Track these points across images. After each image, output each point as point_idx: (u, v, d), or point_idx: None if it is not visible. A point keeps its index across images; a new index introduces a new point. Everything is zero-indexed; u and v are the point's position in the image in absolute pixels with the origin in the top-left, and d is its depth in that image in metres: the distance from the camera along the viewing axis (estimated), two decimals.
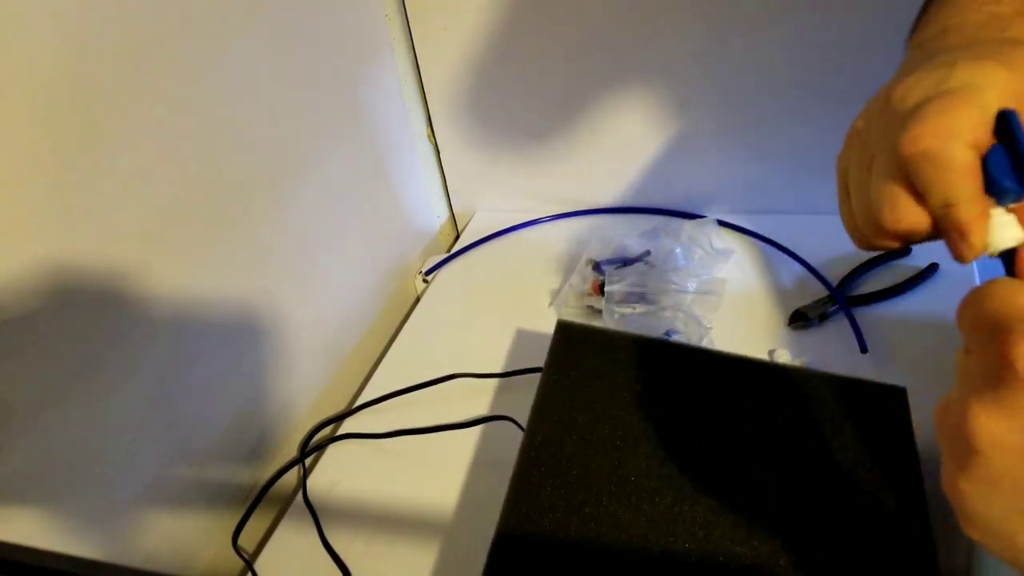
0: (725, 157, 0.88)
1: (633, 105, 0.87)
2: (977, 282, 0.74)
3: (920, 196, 0.30)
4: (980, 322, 0.26)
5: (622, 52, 0.83)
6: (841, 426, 0.51)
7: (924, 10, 0.41)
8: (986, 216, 0.29)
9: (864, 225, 0.34)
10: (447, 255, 0.95)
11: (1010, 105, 0.29)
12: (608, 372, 0.56)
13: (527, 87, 0.89)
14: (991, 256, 0.30)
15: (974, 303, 0.26)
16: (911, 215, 0.31)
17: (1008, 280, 0.27)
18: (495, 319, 0.81)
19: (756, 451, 0.50)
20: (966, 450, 0.25)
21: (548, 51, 0.85)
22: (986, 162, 0.29)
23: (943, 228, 0.30)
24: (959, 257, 0.30)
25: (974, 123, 0.29)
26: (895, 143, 0.30)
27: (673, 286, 0.74)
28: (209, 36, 0.56)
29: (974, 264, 0.76)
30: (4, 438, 0.42)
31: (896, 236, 0.32)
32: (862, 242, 0.35)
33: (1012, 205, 0.29)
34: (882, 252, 0.36)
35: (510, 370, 0.72)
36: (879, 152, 0.32)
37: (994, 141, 0.29)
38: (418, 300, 0.90)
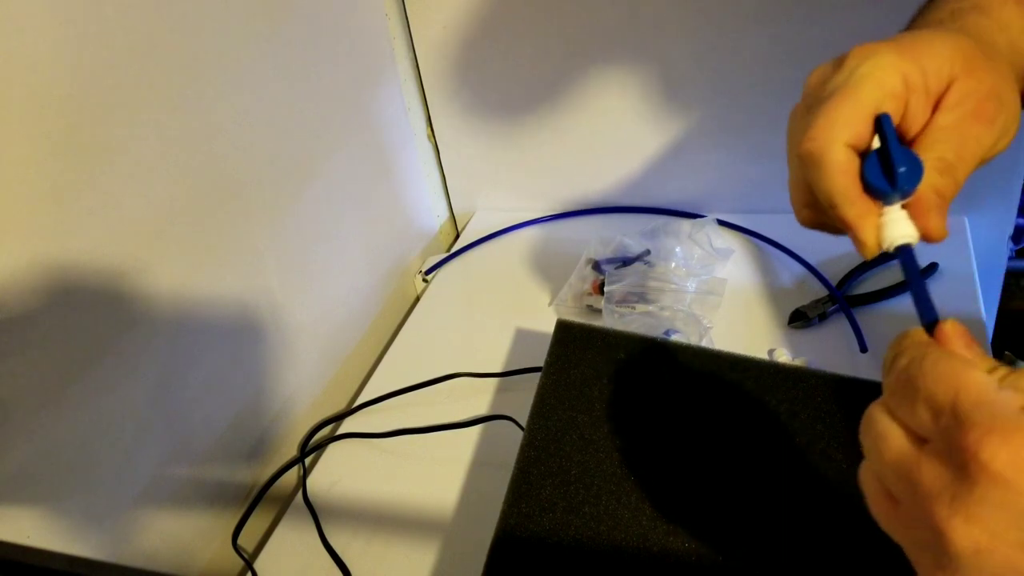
0: (725, 157, 0.88)
1: (633, 105, 0.87)
2: (977, 283, 0.74)
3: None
4: (927, 405, 0.24)
5: (623, 52, 0.83)
6: (841, 426, 0.51)
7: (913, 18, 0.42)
8: (872, 215, 0.29)
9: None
10: (447, 255, 0.95)
11: (895, 88, 0.29)
12: (608, 372, 0.56)
13: (527, 87, 0.89)
14: (889, 252, 0.30)
15: (913, 385, 0.24)
16: (804, 213, 0.33)
17: (947, 359, 0.24)
18: (495, 319, 0.81)
19: (755, 450, 0.50)
20: (944, 557, 0.23)
21: (548, 51, 0.85)
22: (863, 166, 0.29)
23: (840, 226, 0.31)
24: (861, 254, 0.30)
25: (851, 122, 0.29)
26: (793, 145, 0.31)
27: (673, 286, 0.74)
28: (209, 36, 0.56)
29: (973, 264, 0.76)
30: (4, 437, 0.42)
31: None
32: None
33: (903, 202, 0.29)
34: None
35: (510, 369, 0.72)
36: (791, 143, 0.33)
37: (875, 139, 0.29)
38: (418, 300, 0.90)
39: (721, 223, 0.87)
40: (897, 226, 0.29)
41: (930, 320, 0.27)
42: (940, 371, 0.24)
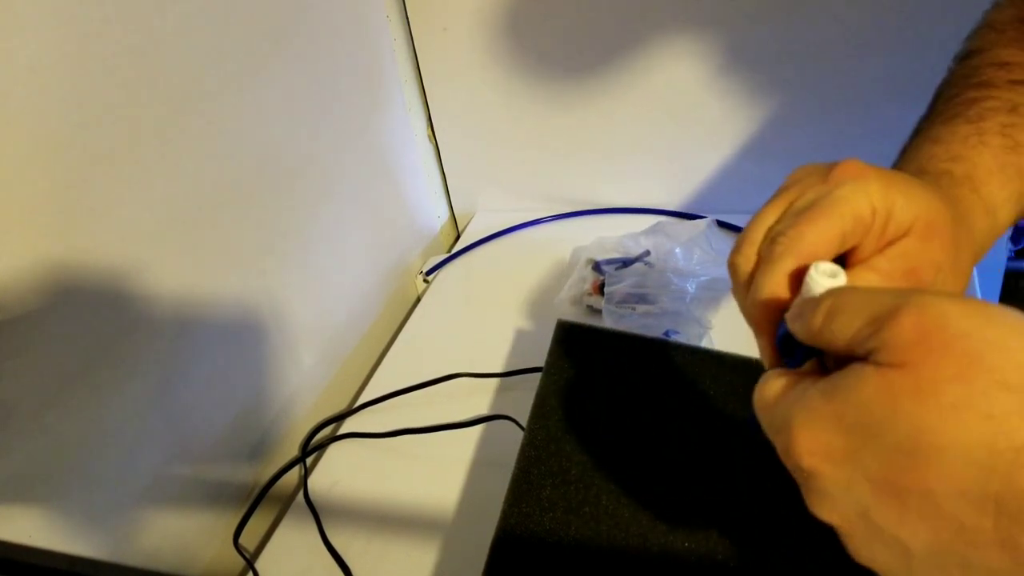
0: (725, 157, 0.88)
1: (632, 105, 0.87)
2: (976, 284, 0.75)
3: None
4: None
5: (621, 53, 0.83)
6: None
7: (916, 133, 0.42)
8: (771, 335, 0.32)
9: None
10: (448, 255, 0.95)
11: (865, 217, 0.30)
12: (608, 372, 0.56)
13: (527, 87, 0.89)
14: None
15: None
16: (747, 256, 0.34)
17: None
18: (495, 319, 0.81)
19: (755, 450, 0.50)
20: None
21: (548, 51, 0.85)
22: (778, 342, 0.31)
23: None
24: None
25: (816, 243, 0.30)
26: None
27: (673, 286, 0.74)
28: (209, 37, 0.56)
29: (975, 267, 0.76)
30: (5, 437, 0.42)
31: None
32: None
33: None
34: None
35: (510, 370, 0.73)
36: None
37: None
38: (419, 300, 0.90)
39: (721, 223, 0.87)
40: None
41: None
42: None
